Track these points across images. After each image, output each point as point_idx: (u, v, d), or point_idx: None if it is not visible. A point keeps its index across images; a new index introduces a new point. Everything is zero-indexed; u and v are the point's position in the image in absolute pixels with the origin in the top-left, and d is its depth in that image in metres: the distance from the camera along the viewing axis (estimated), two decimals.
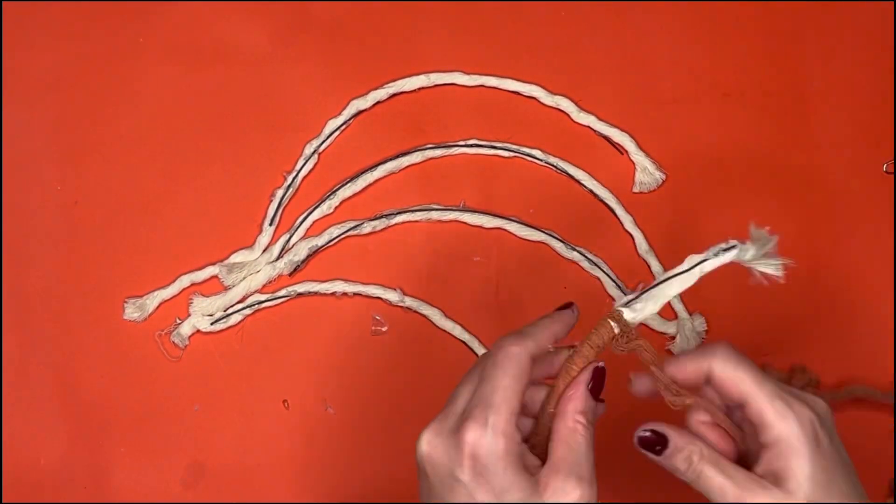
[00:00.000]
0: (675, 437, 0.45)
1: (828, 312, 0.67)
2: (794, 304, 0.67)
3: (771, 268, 0.45)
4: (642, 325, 0.66)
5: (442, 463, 0.43)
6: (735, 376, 0.45)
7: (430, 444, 0.43)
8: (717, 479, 0.44)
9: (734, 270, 0.51)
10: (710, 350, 0.46)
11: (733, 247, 0.45)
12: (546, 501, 0.42)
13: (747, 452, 0.47)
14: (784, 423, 0.44)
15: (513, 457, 0.42)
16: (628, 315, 0.47)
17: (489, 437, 0.42)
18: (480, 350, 0.66)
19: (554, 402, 0.46)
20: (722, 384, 0.46)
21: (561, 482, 0.43)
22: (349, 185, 0.68)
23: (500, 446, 0.42)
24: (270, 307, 0.67)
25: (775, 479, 0.44)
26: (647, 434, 0.46)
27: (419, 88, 0.69)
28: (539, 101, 0.69)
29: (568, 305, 0.49)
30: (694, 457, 0.45)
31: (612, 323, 0.46)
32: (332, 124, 0.69)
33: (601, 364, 0.46)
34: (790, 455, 0.44)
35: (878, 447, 0.65)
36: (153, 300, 0.67)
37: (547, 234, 0.67)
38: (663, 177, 0.68)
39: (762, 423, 0.44)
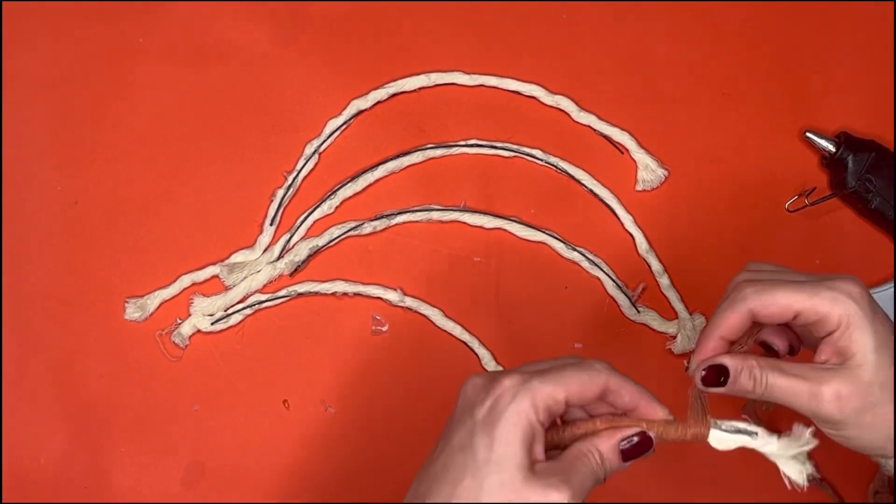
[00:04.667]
0: (730, 362, 0.47)
1: None
2: None
3: (795, 471, 0.44)
4: (644, 324, 0.66)
5: (469, 395, 0.44)
6: (771, 301, 0.46)
7: (472, 380, 0.44)
8: (783, 381, 0.45)
9: (733, 271, 0.51)
10: (736, 298, 0.47)
11: (754, 433, 0.44)
12: (531, 483, 0.42)
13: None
14: (839, 306, 0.45)
15: (527, 422, 0.42)
16: (714, 441, 0.45)
17: (521, 393, 0.42)
18: (481, 350, 0.66)
19: (588, 431, 0.45)
20: (768, 315, 0.46)
21: (555, 479, 0.42)
22: (349, 185, 0.68)
23: (524, 405, 0.42)
24: (271, 307, 0.67)
25: (840, 357, 0.45)
26: (706, 372, 0.47)
27: (419, 88, 0.69)
28: (539, 101, 0.69)
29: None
30: (755, 371, 0.46)
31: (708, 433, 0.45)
32: (333, 124, 0.69)
33: (651, 438, 0.45)
34: (852, 330, 0.45)
35: None
36: (154, 300, 0.67)
37: (547, 234, 0.67)
38: (666, 173, 0.68)
39: (819, 317, 0.45)
